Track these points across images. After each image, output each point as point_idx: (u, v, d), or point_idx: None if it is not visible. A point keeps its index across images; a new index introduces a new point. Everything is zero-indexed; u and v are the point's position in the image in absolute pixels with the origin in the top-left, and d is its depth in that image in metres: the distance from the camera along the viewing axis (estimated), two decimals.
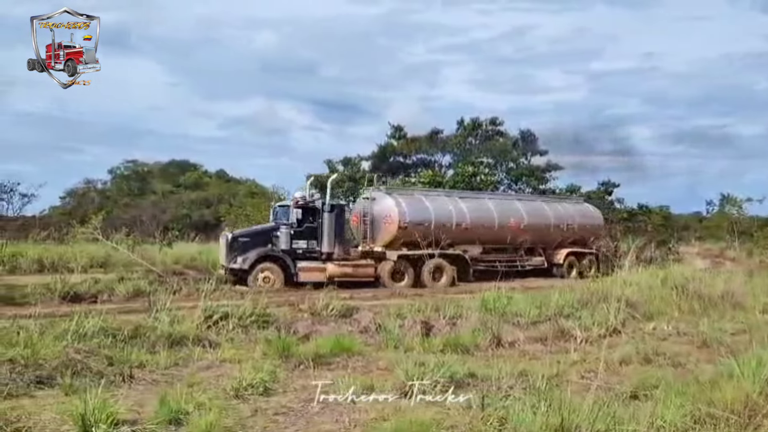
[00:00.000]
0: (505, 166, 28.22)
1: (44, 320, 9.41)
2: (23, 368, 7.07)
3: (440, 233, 20.17)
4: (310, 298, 12.62)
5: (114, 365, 7.66)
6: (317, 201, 19.71)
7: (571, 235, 23.97)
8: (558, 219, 23.79)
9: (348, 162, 29.52)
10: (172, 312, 10.24)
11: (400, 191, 21.83)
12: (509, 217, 22.33)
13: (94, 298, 14.43)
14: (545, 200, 25.37)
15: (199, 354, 8.58)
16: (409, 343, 9.51)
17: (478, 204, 22.42)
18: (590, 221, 25.04)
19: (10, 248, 23.55)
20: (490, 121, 30.19)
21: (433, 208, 20.83)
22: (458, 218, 21.10)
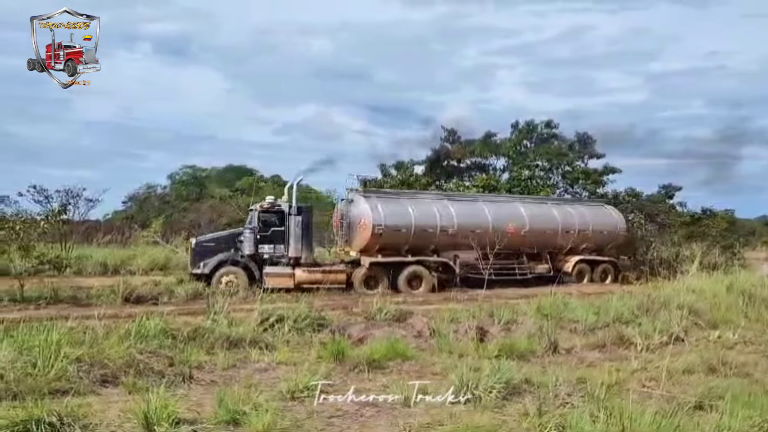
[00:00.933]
0: (561, 169, 27.68)
1: (108, 321, 9.76)
2: (90, 367, 7.34)
3: (423, 239, 19.44)
4: (363, 302, 12.69)
5: (174, 366, 7.89)
6: (284, 204, 18.95)
7: (583, 241, 22.29)
8: (568, 224, 22.11)
9: (401, 166, 29.53)
10: (230, 314, 10.46)
11: (381, 194, 20.70)
12: (507, 222, 20.85)
13: (155, 300, 14.84)
14: (556, 203, 23.64)
15: (256, 356, 8.75)
16: (463, 348, 9.46)
17: (471, 208, 21.06)
18: (608, 226, 23.08)
19: (76, 251, 24.54)
20: (545, 124, 29.72)
21: (414, 213, 19.60)
22: (444, 223, 19.85)
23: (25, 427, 5.37)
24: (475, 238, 19.82)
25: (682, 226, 30.49)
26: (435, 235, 19.66)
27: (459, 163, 29.99)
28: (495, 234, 20.20)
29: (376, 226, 18.85)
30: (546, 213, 22.12)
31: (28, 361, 7.16)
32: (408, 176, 28.57)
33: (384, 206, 19.40)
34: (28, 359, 7.20)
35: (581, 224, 22.30)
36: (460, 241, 19.87)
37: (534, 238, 21.28)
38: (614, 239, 23.00)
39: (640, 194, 28.78)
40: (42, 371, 6.93)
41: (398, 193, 21.52)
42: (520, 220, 21.19)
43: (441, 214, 19.99)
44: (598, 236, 22.55)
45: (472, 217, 20.53)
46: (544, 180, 27.26)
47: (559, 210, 22.52)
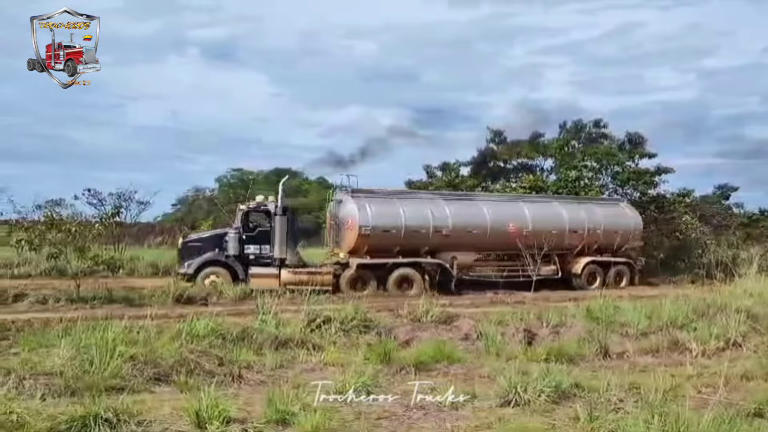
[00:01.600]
0: (610, 170, 27.11)
1: (160, 321, 10.04)
2: (143, 365, 7.55)
3: (415, 240, 19.00)
4: (409, 304, 12.69)
5: (224, 365, 8.05)
6: (270, 204, 18.86)
7: (594, 241, 21.36)
8: (576, 223, 21.21)
9: (446, 167, 29.41)
10: (278, 315, 10.60)
11: (371, 194, 19.96)
12: (507, 222, 20.22)
13: (205, 300, 15.19)
14: (564, 201, 22.49)
15: (304, 356, 8.86)
16: (511, 351, 9.37)
17: (468, 208, 20.39)
18: (623, 226, 22.02)
19: (128, 252, 25.28)
20: (593, 123, 29.18)
21: (405, 213, 19.10)
22: (437, 223, 19.29)
23: (84, 422, 5.55)
24: (472, 239, 19.61)
25: (739, 227, 29.54)
26: (428, 236, 19.19)
27: (505, 164, 29.72)
28: (494, 234, 19.97)
29: (363, 227, 18.54)
30: (552, 212, 21.37)
31: (86, 359, 7.40)
32: (453, 177, 28.43)
33: (373, 206, 19.04)
34: (85, 357, 7.45)
35: (591, 224, 21.42)
36: (457, 242, 19.46)
37: (538, 238, 20.11)
38: (629, 239, 21.98)
39: (689, 194, 27.93)
40: (98, 369, 7.15)
41: (390, 193, 20.94)
42: (521, 219, 20.55)
43: (434, 214, 19.48)
44: (610, 236, 21.51)
45: (468, 217, 20.00)
46: (593, 181, 26.72)
47: (568, 209, 21.70)
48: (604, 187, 26.85)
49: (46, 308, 13.86)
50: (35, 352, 8.15)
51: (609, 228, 21.65)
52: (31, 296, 14.80)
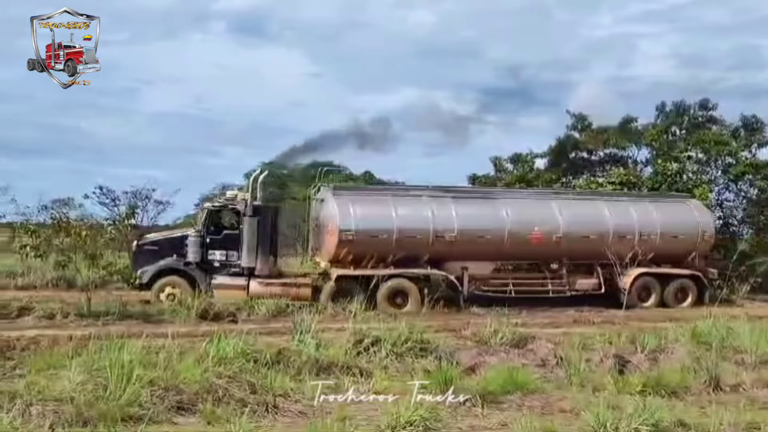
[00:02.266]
0: (721, 161, 26.37)
1: (183, 340, 10.27)
2: (164, 392, 7.74)
3: (412, 247, 18.47)
4: (474, 324, 12.66)
5: (257, 393, 8.17)
6: (240, 202, 18.67)
7: (649, 248, 20.17)
8: (624, 227, 20.17)
9: (518, 159, 29.14)
10: (318, 334, 10.71)
11: (358, 191, 19.90)
12: (531, 225, 19.45)
13: (233, 316, 15.48)
14: (610, 200, 21.33)
15: (350, 383, 8.91)
16: (598, 380, 9.24)
17: (482, 208, 19.71)
18: (686, 229, 20.77)
19: None
20: (699, 105, 28.45)
21: (398, 215, 18.51)
22: (439, 227, 18.64)
23: None
24: (486, 247, 19.04)
25: None
26: (427, 242, 18.61)
27: (590, 155, 29.25)
28: (514, 241, 19.21)
29: (344, 231, 18.07)
30: (592, 213, 20.35)
31: (99, 384, 7.63)
32: (527, 171, 28.14)
33: (357, 207, 18.55)
34: (98, 381, 7.69)
35: (645, 227, 20.32)
36: (467, 250, 18.87)
37: (573, 245, 19.71)
38: (695, 246, 20.75)
39: None
40: (114, 395, 7.36)
41: (381, 190, 20.69)
42: (551, 222, 19.66)
43: (436, 216, 18.79)
44: (670, 242, 20.45)
45: (481, 220, 19.26)
46: (698, 175, 26.08)
47: (613, 209, 20.61)
48: (713, 182, 26.16)
49: (53, 324, 14.34)
50: (43, 375, 8.44)
51: (668, 231, 20.54)
52: (37, 310, 15.33)
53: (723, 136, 26.74)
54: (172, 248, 18.43)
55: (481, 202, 20.16)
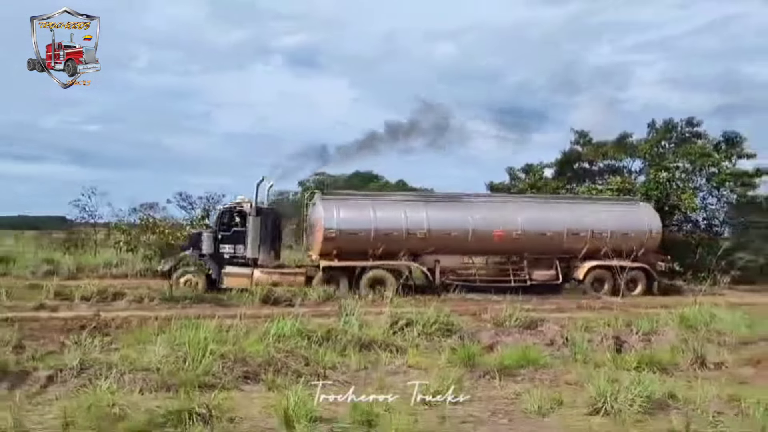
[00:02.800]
0: (705, 171, 25.81)
1: (248, 321, 10.34)
2: (233, 364, 7.82)
3: (389, 243, 18.56)
4: (492, 309, 12.56)
5: (310, 365, 8.21)
6: (246, 205, 19.04)
7: (601, 244, 19.87)
8: (577, 225, 19.93)
9: (530, 169, 28.89)
10: (361, 317, 10.72)
11: (343, 196, 20.14)
12: (493, 225, 19.46)
13: (290, 301, 15.55)
14: (566, 203, 21.33)
15: (387, 358, 8.90)
16: (599, 358, 9.09)
17: (450, 211, 19.75)
18: (634, 227, 20.43)
19: None
20: (686, 122, 27.84)
21: (376, 216, 18.82)
22: (412, 226, 18.88)
23: (179, 417, 5.80)
24: (454, 242, 19.06)
25: None
26: (402, 238, 18.80)
27: (591, 166, 28.87)
28: (478, 238, 19.24)
29: (328, 229, 18.54)
30: (548, 214, 20.23)
31: (179, 357, 7.74)
32: (537, 179, 27.89)
33: (341, 209, 18.96)
34: (179, 355, 7.80)
35: (596, 226, 20.02)
36: (438, 246, 19.01)
37: (530, 241, 19.63)
38: (644, 242, 20.26)
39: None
40: (191, 366, 7.46)
41: (363, 195, 20.75)
42: (511, 222, 19.64)
43: (409, 216, 19.05)
44: (621, 239, 19.97)
45: (448, 220, 19.37)
46: (685, 182, 25.53)
47: (569, 210, 20.49)
48: (698, 189, 25.63)
49: (142, 306, 14.58)
50: (133, 349, 8.59)
51: (618, 230, 20.20)
52: (128, 295, 15.62)
53: (707, 148, 26.18)
54: (191, 243, 18.99)
55: (450, 206, 20.20)
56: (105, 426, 5.63)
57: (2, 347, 7.90)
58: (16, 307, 13.53)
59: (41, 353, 8.46)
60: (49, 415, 6.02)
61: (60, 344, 9.11)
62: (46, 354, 8.48)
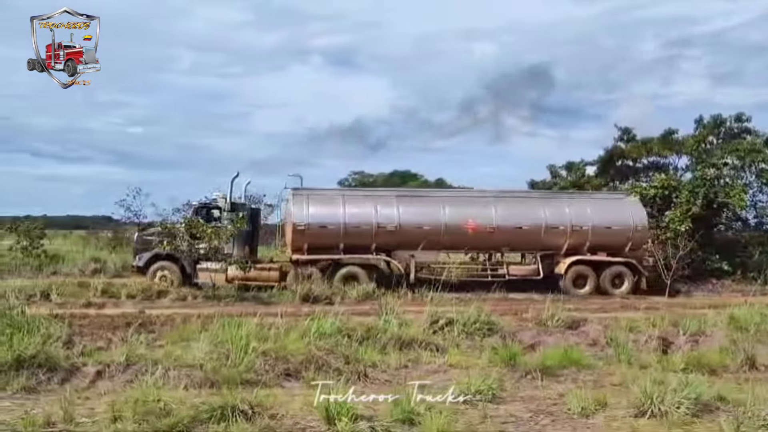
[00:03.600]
0: (755, 167, 25.01)
1: (289, 318, 10.45)
2: (274, 361, 7.92)
3: (359, 237, 18.66)
4: (534, 308, 12.43)
5: (350, 363, 8.24)
6: (221, 201, 19.07)
7: (583, 239, 19.55)
8: (556, 220, 19.56)
9: (571, 167, 28.46)
10: (400, 316, 10.72)
11: (315, 192, 19.99)
12: (466, 219, 19.29)
13: (329, 300, 15.67)
14: (546, 197, 21.16)
15: (427, 357, 8.89)
16: (644, 359, 8.93)
17: (421, 205, 19.76)
18: (618, 222, 19.87)
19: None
20: (735, 118, 27.03)
21: (347, 211, 18.94)
22: (382, 220, 18.92)
23: (222, 413, 5.89)
24: (426, 237, 18.92)
25: None
26: (371, 232, 18.82)
27: (635, 163, 28.29)
28: (451, 232, 19.09)
29: (298, 224, 18.72)
30: (525, 209, 19.94)
31: (222, 354, 7.88)
32: (579, 177, 27.48)
33: (311, 204, 19.09)
34: (221, 352, 7.93)
35: (577, 220, 19.56)
36: (410, 240, 18.90)
37: (506, 236, 19.39)
38: (630, 237, 19.75)
39: None
40: (234, 363, 7.58)
41: (335, 192, 20.81)
42: (485, 216, 19.43)
43: (379, 211, 19.07)
44: (603, 234, 19.62)
45: (420, 215, 19.36)
46: (734, 179, 24.80)
47: (548, 205, 20.12)
48: (747, 186, 24.87)
49: (185, 304, 14.89)
50: (177, 345, 8.77)
51: (600, 225, 19.72)
52: (172, 293, 15.97)
53: (757, 144, 25.39)
54: (165, 239, 18.64)
55: (423, 201, 20.21)
56: (151, 421, 5.75)
57: (53, 343, 8.12)
58: (66, 304, 13.93)
59: (90, 349, 8.68)
60: (98, 409, 6.18)
61: (107, 340, 9.35)
62: (95, 350, 8.70)
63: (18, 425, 5.67)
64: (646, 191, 23.43)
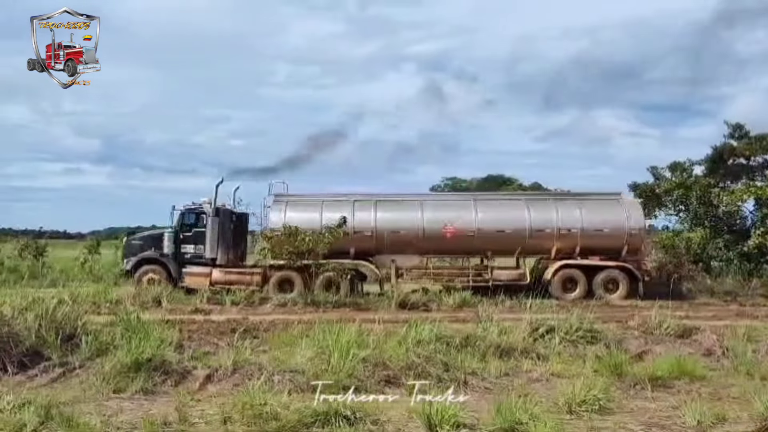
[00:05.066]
0: None
1: (386, 325, 10.54)
2: (374, 367, 7.98)
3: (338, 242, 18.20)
4: (641, 316, 11.92)
5: (449, 371, 8.18)
6: (205, 205, 19.39)
7: (572, 243, 18.82)
8: (542, 223, 18.87)
9: (676, 167, 27.02)
10: (499, 323, 10.56)
11: (294, 198, 20.03)
12: (446, 223, 19.00)
13: (426, 306, 15.68)
14: (533, 199, 20.44)
15: (528, 366, 8.71)
16: (766, 370, 8.35)
17: (401, 210, 19.58)
18: (611, 225, 19.07)
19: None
20: None
21: (324, 216, 18.96)
22: (359, 225, 19.02)
23: (326, 418, 6.02)
24: (404, 241, 18.98)
25: None
26: (349, 238, 18.72)
27: (748, 161, 26.53)
28: (430, 236, 19.01)
29: (273, 229, 18.86)
30: (508, 211, 19.48)
31: (324, 359, 8.04)
32: (685, 178, 26.08)
33: (290, 210, 19.32)
34: (323, 357, 8.10)
35: (565, 223, 18.78)
36: (390, 245, 19.03)
37: (488, 240, 18.93)
38: (624, 241, 18.84)
39: None
40: (335, 368, 7.71)
41: (316, 197, 20.48)
42: (465, 220, 19.13)
43: (357, 216, 19.16)
44: (595, 237, 18.82)
45: (397, 220, 19.35)
46: None
47: (533, 208, 19.44)
48: None
49: (285, 311, 15.34)
50: (280, 351, 9.05)
51: (591, 228, 18.97)
52: (273, 300, 16.49)
53: None
54: (154, 243, 19.62)
55: (401, 205, 20.02)
56: (259, 424, 5.95)
57: (166, 347, 8.56)
58: (175, 310, 14.68)
59: (199, 353, 9.13)
60: (209, 411, 6.46)
61: (215, 345, 9.77)
62: (203, 354, 9.13)
63: (138, 425, 6.01)
64: (761, 191, 21.98)
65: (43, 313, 9.11)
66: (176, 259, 19.28)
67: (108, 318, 11.02)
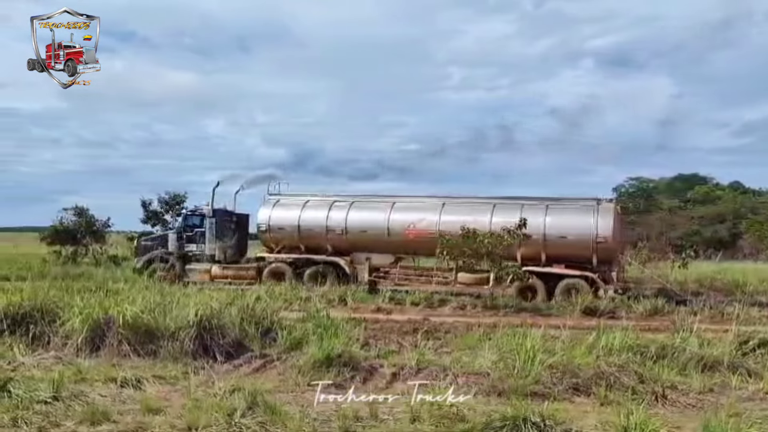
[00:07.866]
0: None
1: (571, 331, 10.11)
2: (561, 375, 7.68)
3: (313, 239, 20.59)
4: None
5: (644, 383, 7.65)
6: (205, 209, 21.60)
7: (536, 249, 18.25)
8: (502, 227, 17.51)
9: None
10: (700, 334, 9.70)
11: (285, 197, 21.96)
12: (408, 224, 19.73)
13: (612, 313, 14.86)
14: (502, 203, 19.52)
15: (738, 382, 7.89)
16: None
17: (370, 211, 20.68)
18: (576, 233, 18.23)
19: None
20: None
21: (302, 216, 20.91)
22: (332, 224, 20.64)
23: (515, 423, 5.86)
24: (370, 240, 20.12)
25: None
26: (323, 236, 20.58)
27: None
28: (394, 236, 19.83)
29: (260, 225, 21.40)
30: (471, 215, 18.94)
31: (508, 363, 7.89)
32: None
33: (276, 208, 21.44)
34: (507, 362, 7.95)
35: (529, 228, 17.51)
36: (359, 243, 20.33)
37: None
38: (592, 249, 17.97)
39: None
40: (521, 374, 7.53)
41: (302, 197, 21.78)
42: (429, 222, 19.59)
43: (331, 216, 20.66)
44: (558, 245, 18.26)
45: (365, 220, 20.46)
46: None
47: (497, 212, 18.94)
48: None
49: (465, 313, 15.35)
50: (463, 353, 9.03)
51: (555, 234, 18.39)
52: (452, 302, 16.58)
53: None
54: (161, 243, 21.88)
55: (373, 206, 20.93)
56: (447, 424, 5.97)
57: (353, 344, 8.91)
58: (359, 309, 15.29)
59: (384, 351, 9.40)
60: (397, 409, 6.59)
61: (398, 344, 10.02)
62: (388, 352, 9.39)
63: (331, 417, 6.28)
64: None
65: (245, 308, 9.96)
66: (181, 257, 21.43)
67: (299, 314, 11.70)
